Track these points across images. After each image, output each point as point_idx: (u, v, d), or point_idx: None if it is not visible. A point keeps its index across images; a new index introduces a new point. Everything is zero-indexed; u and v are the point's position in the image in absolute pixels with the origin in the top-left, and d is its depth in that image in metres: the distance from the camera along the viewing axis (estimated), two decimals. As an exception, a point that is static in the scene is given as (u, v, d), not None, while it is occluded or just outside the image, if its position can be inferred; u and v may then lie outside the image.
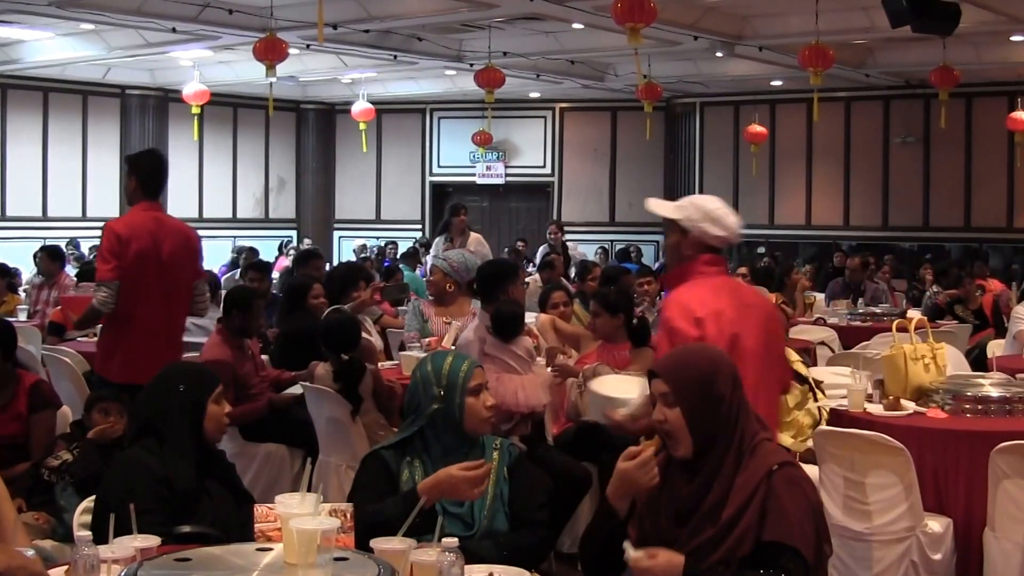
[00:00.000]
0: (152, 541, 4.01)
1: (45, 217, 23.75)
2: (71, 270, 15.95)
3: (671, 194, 25.85)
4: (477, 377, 4.84)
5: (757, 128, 24.22)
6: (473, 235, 13.96)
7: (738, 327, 5.31)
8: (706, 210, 5.52)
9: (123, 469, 4.76)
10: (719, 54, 20.40)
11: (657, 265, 21.35)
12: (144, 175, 8.29)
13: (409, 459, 4.75)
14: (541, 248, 20.96)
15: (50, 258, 13.78)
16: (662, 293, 12.82)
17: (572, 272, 16.01)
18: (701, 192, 24.93)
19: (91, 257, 18.08)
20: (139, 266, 7.84)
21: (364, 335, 9.33)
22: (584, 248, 25.54)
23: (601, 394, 6.49)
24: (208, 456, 4.93)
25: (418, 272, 18.28)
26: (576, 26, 18.22)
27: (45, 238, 15.52)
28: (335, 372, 8.15)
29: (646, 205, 5.69)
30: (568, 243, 17.14)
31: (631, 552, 4.04)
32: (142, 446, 4.83)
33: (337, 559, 3.76)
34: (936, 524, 6.38)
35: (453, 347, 8.71)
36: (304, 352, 8.98)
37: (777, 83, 23.79)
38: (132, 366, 7.52)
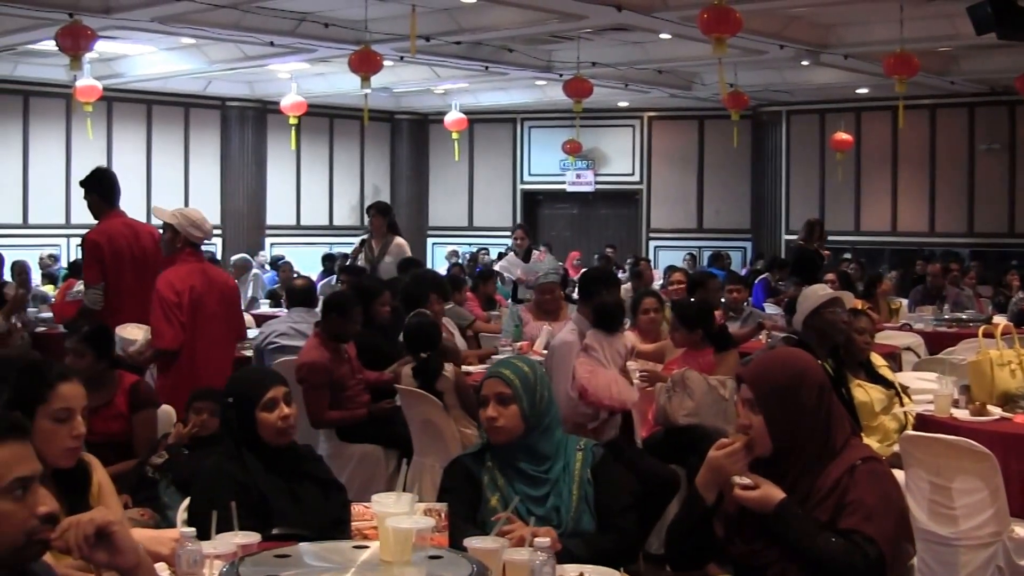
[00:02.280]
0: (253, 538, 4.11)
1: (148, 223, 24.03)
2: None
3: (759, 202, 25.96)
4: (484, 387, 4.84)
5: (843, 136, 24.01)
6: (397, 239, 13.31)
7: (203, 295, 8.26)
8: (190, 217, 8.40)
9: (207, 477, 4.90)
10: (805, 63, 20.30)
11: (745, 271, 21.29)
12: (103, 190, 9.51)
13: (490, 464, 4.77)
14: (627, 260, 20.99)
15: None
16: (749, 300, 12.88)
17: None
18: (788, 200, 24.94)
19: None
20: (117, 266, 9.04)
21: (447, 338, 9.53)
22: (672, 255, 25.53)
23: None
24: (290, 457, 5.02)
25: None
26: (663, 36, 18.19)
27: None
28: (414, 370, 8.41)
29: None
30: (535, 251, 16.78)
31: (735, 477, 4.12)
32: (223, 452, 5.00)
33: (431, 557, 3.82)
34: (1022, 529, 6.26)
35: (544, 351, 8.89)
36: (372, 358, 9.23)
37: (863, 91, 23.54)
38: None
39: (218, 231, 25.50)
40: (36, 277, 17.98)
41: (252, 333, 11.50)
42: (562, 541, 4.12)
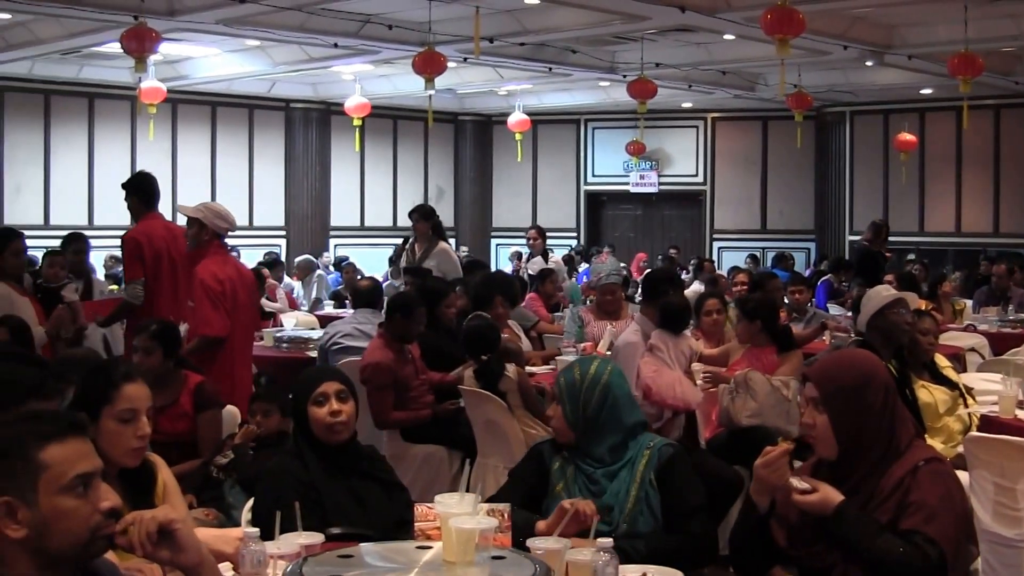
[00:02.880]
0: (316, 538, 4.13)
1: (208, 226, 24.17)
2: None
3: (823, 203, 25.88)
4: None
5: (907, 136, 23.87)
6: (442, 245, 12.93)
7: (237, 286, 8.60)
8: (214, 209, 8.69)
9: (270, 477, 4.90)
10: (868, 63, 20.20)
11: (808, 272, 21.19)
12: (143, 193, 9.86)
13: (565, 454, 4.82)
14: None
15: None
16: (813, 301, 12.81)
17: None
18: (852, 200, 24.83)
19: (252, 266, 18.47)
20: (156, 265, 9.46)
21: (511, 339, 9.54)
22: (735, 255, 25.45)
23: None
24: (352, 457, 5.02)
25: (574, 279, 18.42)
26: (727, 37, 18.14)
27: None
28: (475, 372, 8.45)
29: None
30: (550, 251, 16.47)
31: (793, 482, 4.11)
32: (287, 452, 5.02)
33: (494, 557, 3.82)
34: (1087, 530, 6.18)
35: (608, 351, 8.88)
36: (436, 359, 9.26)
37: (926, 91, 23.38)
38: None
39: (282, 232, 25.65)
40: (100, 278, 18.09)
41: (316, 334, 11.56)
42: (617, 542, 4.10)
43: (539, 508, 4.70)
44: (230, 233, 9.18)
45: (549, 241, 26.53)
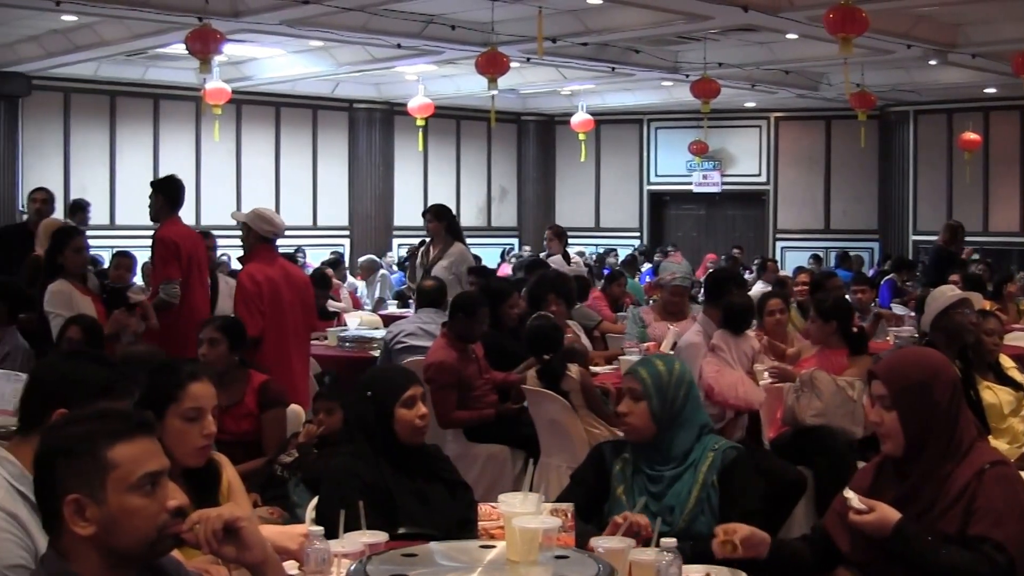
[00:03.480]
0: (380, 537, 4.15)
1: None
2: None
3: (887, 202, 25.71)
4: (623, 383, 4.87)
5: (971, 136, 23.63)
6: (457, 246, 12.46)
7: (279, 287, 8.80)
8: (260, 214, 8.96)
9: (335, 476, 4.91)
10: (932, 62, 20.04)
11: (872, 272, 21.06)
12: (172, 195, 10.15)
13: (625, 455, 4.81)
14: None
15: None
16: (876, 300, 12.72)
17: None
18: (915, 200, 24.65)
19: (316, 266, 18.55)
20: (188, 266, 9.84)
21: (572, 339, 9.53)
22: (799, 255, 25.33)
23: None
24: (418, 457, 5.02)
25: (637, 279, 18.40)
26: (790, 36, 18.06)
27: (280, 246, 15.89)
28: (538, 372, 8.44)
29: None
30: (573, 254, 16.09)
31: (850, 500, 4.08)
32: (351, 452, 5.03)
33: (558, 557, 3.83)
34: None
35: (671, 351, 8.86)
36: (499, 358, 9.26)
37: (991, 90, 23.12)
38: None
39: (346, 232, 25.74)
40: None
41: (379, 333, 11.59)
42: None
43: (600, 511, 4.69)
44: (291, 234, 9.31)
45: (611, 241, 26.66)
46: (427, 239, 12.76)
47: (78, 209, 16.41)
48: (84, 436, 3.03)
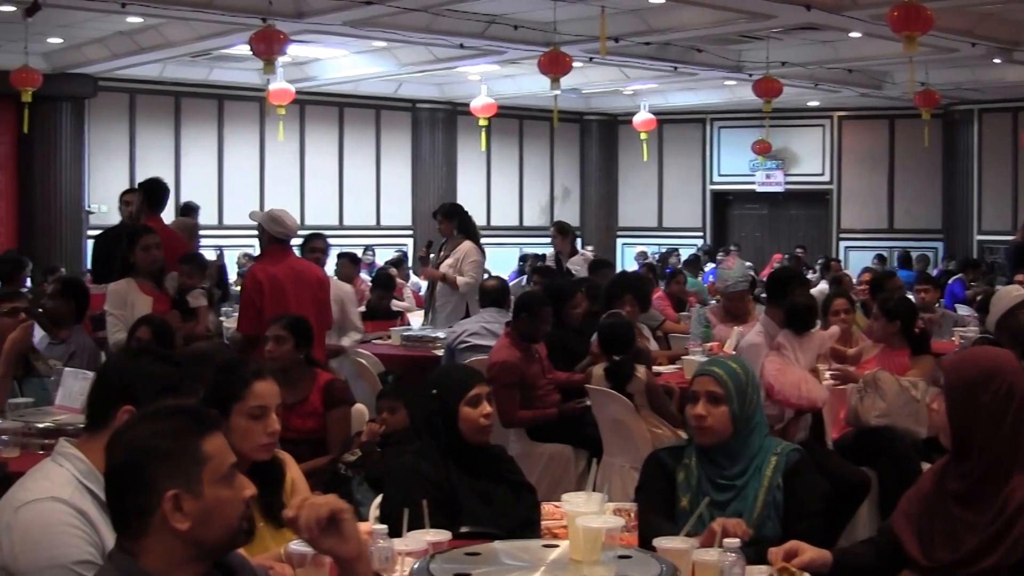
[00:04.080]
0: (443, 535, 4.16)
1: (341, 226, 24.38)
2: (365, 276, 16.48)
3: (951, 202, 25.56)
4: (694, 384, 4.76)
5: (1035, 134, 23.55)
6: (465, 245, 12.33)
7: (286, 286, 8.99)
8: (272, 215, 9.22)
9: (399, 475, 4.93)
10: (996, 60, 19.90)
11: (937, 272, 20.91)
12: (155, 197, 11.01)
13: (687, 462, 4.73)
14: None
15: (351, 262, 14.12)
16: (941, 301, 12.63)
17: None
18: (980, 199, 24.47)
19: (384, 265, 18.63)
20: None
21: (642, 341, 9.52)
22: (863, 255, 25.18)
23: None
24: (482, 457, 5.03)
25: (700, 279, 18.35)
26: (853, 35, 17.96)
27: (341, 246, 16.01)
28: (606, 371, 8.39)
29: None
30: (584, 253, 16.19)
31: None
32: (417, 450, 5.04)
33: (621, 557, 3.83)
34: None
35: (734, 352, 8.82)
36: (562, 358, 9.26)
37: (1056, 89, 23.05)
38: None
39: (409, 232, 25.80)
40: (232, 277, 18.35)
41: (443, 332, 11.62)
42: (745, 549, 4.04)
43: (673, 521, 4.58)
44: (355, 234, 9.42)
45: (674, 241, 26.60)
46: (443, 240, 12.73)
47: (189, 210, 16.59)
48: (178, 432, 3.07)
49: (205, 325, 9.39)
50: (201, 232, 15.88)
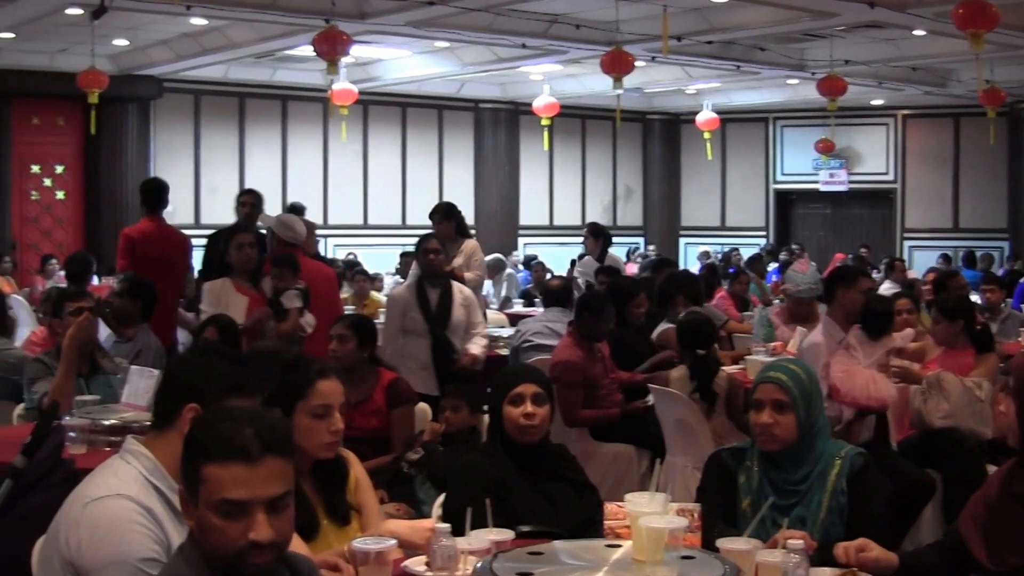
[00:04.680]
0: (507, 535, 4.16)
1: (404, 225, 24.47)
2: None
3: (1017, 201, 25.32)
4: (758, 392, 4.69)
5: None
6: (469, 242, 12.11)
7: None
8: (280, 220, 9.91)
9: (462, 474, 4.95)
10: (1061, 57, 19.74)
11: (1003, 271, 20.74)
12: (146, 197, 11.31)
13: (748, 464, 4.70)
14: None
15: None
16: (1007, 301, 12.51)
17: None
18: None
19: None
20: (143, 262, 10.62)
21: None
22: (927, 255, 25.01)
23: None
24: (544, 456, 5.03)
25: (765, 280, 18.29)
26: (918, 32, 17.84)
27: (404, 245, 16.07)
28: (691, 368, 8.29)
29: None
30: (611, 254, 15.53)
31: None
32: (481, 449, 5.04)
33: (684, 557, 3.81)
34: None
35: (796, 352, 8.77)
36: (626, 358, 9.25)
37: (1124, 85, 22.78)
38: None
39: (472, 232, 25.78)
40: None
41: (506, 332, 11.64)
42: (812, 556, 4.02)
43: (733, 522, 4.60)
44: (417, 233, 9.55)
45: (737, 241, 26.51)
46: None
47: (295, 211, 16.63)
48: (189, 444, 3.13)
49: (293, 325, 9.35)
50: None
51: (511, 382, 5.03)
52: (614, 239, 14.12)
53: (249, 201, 11.83)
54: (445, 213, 12.17)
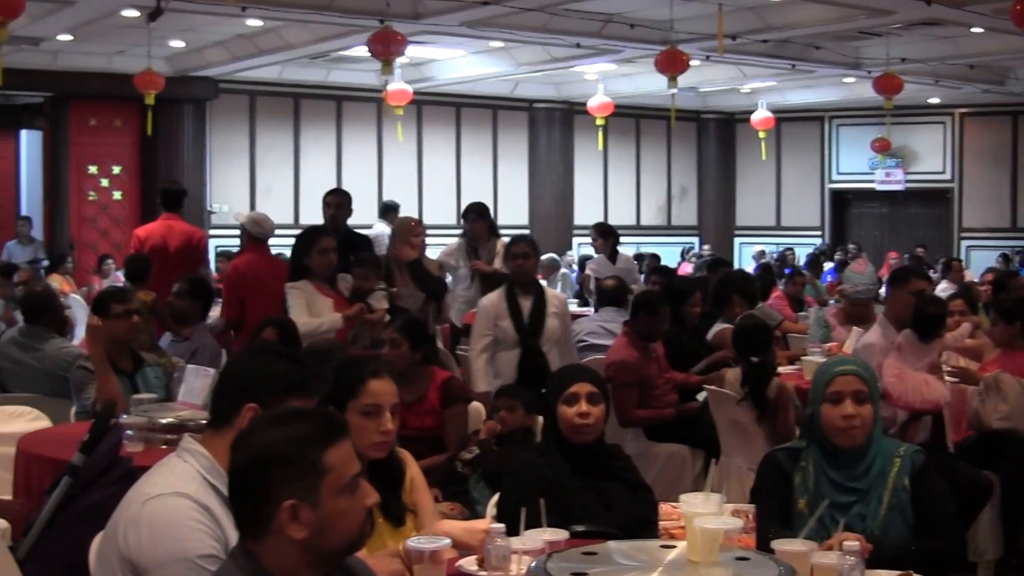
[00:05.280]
0: (561, 535, 4.16)
1: (458, 225, 24.47)
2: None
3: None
4: (835, 384, 4.62)
5: None
6: (501, 241, 11.66)
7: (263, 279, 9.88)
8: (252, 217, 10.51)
9: (516, 473, 4.96)
10: (1121, 53, 19.56)
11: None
12: (162, 195, 12.24)
13: (804, 464, 4.67)
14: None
15: None
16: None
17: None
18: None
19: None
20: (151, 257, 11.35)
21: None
22: (985, 255, 24.82)
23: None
24: (599, 456, 5.03)
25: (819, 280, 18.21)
26: (975, 30, 17.71)
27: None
28: (744, 374, 8.14)
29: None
30: (622, 253, 15.44)
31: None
32: (536, 448, 5.05)
33: (739, 559, 3.81)
34: None
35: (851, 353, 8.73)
36: (680, 358, 9.23)
37: None
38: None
39: (526, 231, 25.84)
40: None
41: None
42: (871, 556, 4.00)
43: (789, 523, 4.56)
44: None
45: (792, 240, 26.40)
46: (464, 240, 12.11)
47: (389, 210, 16.66)
48: (300, 442, 3.10)
49: (382, 326, 9.11)
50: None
51: (566, 382, 5.03)
52: (667, 239, 14.02)
53: (335, 201, 11.13)
54: (480, 212, 12.01)
